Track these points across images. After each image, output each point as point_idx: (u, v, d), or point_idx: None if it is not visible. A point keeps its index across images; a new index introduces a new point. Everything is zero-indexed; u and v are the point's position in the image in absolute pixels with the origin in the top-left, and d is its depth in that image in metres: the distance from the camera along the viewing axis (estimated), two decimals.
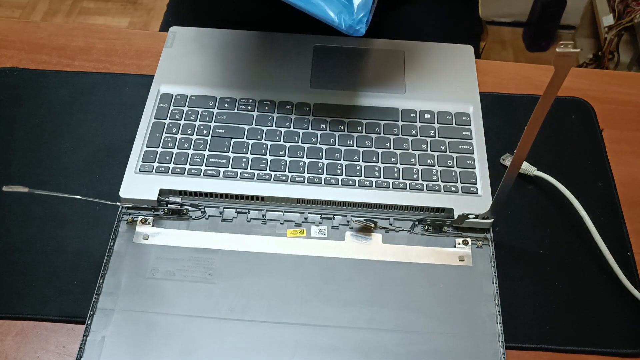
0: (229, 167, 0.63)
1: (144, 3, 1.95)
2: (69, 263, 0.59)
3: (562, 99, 0.72)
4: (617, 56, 1.60)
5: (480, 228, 0.60)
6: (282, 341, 0.54)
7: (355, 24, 0.57)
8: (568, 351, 0.55)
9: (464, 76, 0.71)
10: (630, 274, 0.59)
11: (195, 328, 0.55)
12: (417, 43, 0.74)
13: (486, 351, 0.54)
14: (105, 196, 0.60)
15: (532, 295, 0.58)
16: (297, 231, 0.61)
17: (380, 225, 0.61)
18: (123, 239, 0.60)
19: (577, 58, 0.56)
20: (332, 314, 0.56)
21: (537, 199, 0.64)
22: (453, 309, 0.56)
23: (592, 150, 0.68)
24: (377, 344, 0.54)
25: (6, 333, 0.55)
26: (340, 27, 0.57)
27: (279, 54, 0.72)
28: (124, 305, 0.56)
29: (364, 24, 0.57)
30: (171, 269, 0.58)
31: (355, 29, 0.57)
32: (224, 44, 0.73)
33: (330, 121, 0.66)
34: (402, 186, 0.62)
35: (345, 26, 0.57)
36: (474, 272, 0.58)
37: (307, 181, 0.62)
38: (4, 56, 0.75)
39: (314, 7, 0.57)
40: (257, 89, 0.69)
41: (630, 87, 0.74)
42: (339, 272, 0.58)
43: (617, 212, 0.63)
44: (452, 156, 0.64)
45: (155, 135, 0.65)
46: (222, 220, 0.61)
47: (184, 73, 0.70)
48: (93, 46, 0.76)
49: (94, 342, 0.54)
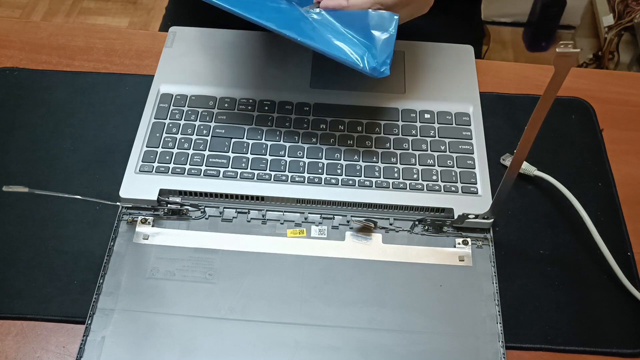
0: (229, 167, 0.63)
1: (144, 3, 1.95)
2: (69, 263, 0.59)
3: (562, 99, 0.72)
4: (617, 56, 1.60)
5: (480, 228, 0.60)
6: (282, 341, 0.54)
7: (380, 66, 0.56)
8: (568, 351, 0.55)
9: (464, 76, 0.71)
10: (630, 274, 0.59)
11: (195, 328, 0.55)
12: (417, 43, 0.74)
13: (486, 351, 0.54)
14: (105, 196, 0.60)
15: (532, 295, 0.58)
16: (297, 231, 0.61)
17: (380, 225, 0.61)
18: (123, 239, 0.60)
19: (577, 58, 0.56)
20: (332, 314, 0.56)
21: (537, 199, 0.64)
22: (453, 309, 0.56)
23: (592, 150, 0.68)
24: (377, 344, 0.54)
25: (6, 333, 0.55)
26: (365, 70, 0.56)
27: (279, 54, 0.72)
28: (124, 305, 0.56)
29: (388, 65, 0.56)
30: (171, 269, 0.58)
31: (380, 71, 0.56)
32: (224, 44, 0.73)
33: (330, 121, 0.66)
34: (402, 186, 0.62)
35: (370, 69, 0.55)
36: (474, 272, 0.58)
37: (307, 181, 0.62)
38: (4, 56, 0.75)
39: (336, 51, 0.56)
40: (257, 89, 0.69)
41: (630, 87, 0.74)
42: (339, 272, 0.58)
43: (617, 212, 0.63)
44: (452, 156, 0.64)
45: (155, 135, 0.65)
46: (222, 220, 0.61)
47: (184, 73, 0.70)
48: (93, 46, 0.76)
49: (94, 342, 0.54)
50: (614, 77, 0.77)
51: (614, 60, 1.60)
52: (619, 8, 1.56)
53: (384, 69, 0.56)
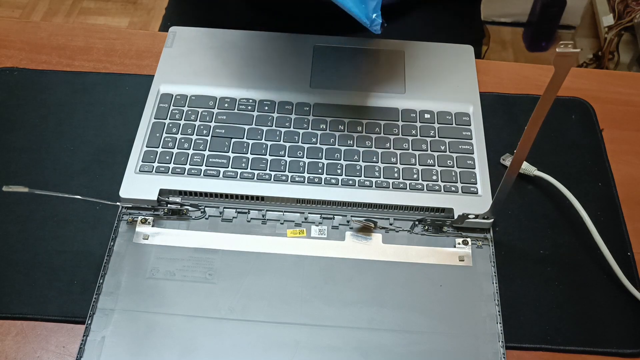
0: (229, 167, 0.63)
1: (144, 3, 1.95)
2: (69, 263, 0.59)
3: (562, 99, 0.72)
4: (617, 56, 1.60)
5: (480, 228, 0.60)
6: (282, 341, 0.54)
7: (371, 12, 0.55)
8: (568, 351, 0.55)
9: (464, 76, 0.71)
10: (630, 274, 0.59)
11: (195, 328, 0.55)
12: (417, 43, 0.74)
13: (486, 351, 0.54)
14: (105, 196, 0.60)
15: (532, 295, 0.58)
16: (297, 231, 0.61)
17: (380, 225, 0.61)
18: (123, 239, 0.60)
19: (577, 58, 0.56)
20: (332, 314, 0.56)
21: (537, 199, 0.64)
22: (453, 309, 0.56)
23: (592, 150, 0.68)
24: (377, 344, 0.54)
25: (6, 333, 0.55)
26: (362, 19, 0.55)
27: (279, 54, 0.72)
28: (124, 305, 0.56)
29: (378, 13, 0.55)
30: (171, 269, 0.58)
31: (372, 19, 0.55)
32: (224, 44, 0.73)
33: (330, 121, 0.66)
34: (402, 186, 0.62)
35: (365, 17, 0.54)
36: (474, 272, 0.58)
37: (307, 181, 0.62)
38: (4, 56, 0.75)
39: None
40: (257, 89, 0.69)
41: (630, 87, 0.74)
42: (339, 272, 0.58)
43: (617, 212, 0.63)
44: (452, 156, 0.64)
45: (155, 135, 0.65)
46: (222, 220, 0.61)
47: (184, 73, 0.70)
48: (93, 46, 0.76)
49: (94, 342, 0.54)
50: (614, 77, 0.77)
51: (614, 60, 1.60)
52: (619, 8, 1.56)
53: (375, 15, 0.55)
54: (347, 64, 0.72)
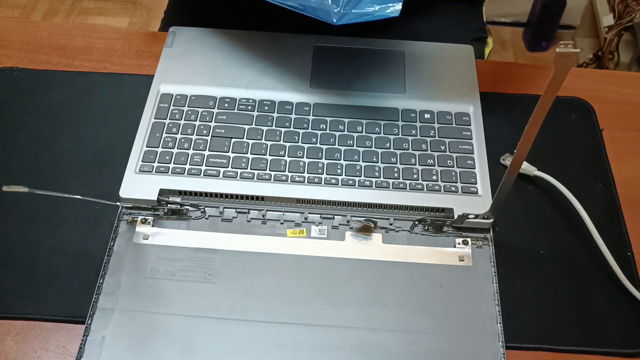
0: (229, 167, 0.63)
1: (144, 3, 1.95)
2: (69, 263, 0.59)
3: (562, 99, 0.71)
4: (617, 56, 1.60)
5: (480, 228, 0.60)
6: (282, 341, 0.54)
7: None
8: (568, 351, 0.55)
9: (464, 76, 0.71)
10: (630, 274, 0.59)
11: (195, 328, 0.55)
12: (417, 43, 0.74)
13: (486, 351, 0.54)
14: (105, 196, 0.60)
15: (532, 295, 0.58)
16: (297, 231, 0.61)
17: (380, 225, 0.61)
18: (123, 239, 0.60)
19: (577, 58, 0.56)
20: (332, 314, 0.56)
21: (537, 199, 0.64)
22: (453, 309, 0.56)
23: (592, 150, 0.68)
24: (377, 344, 0.54)
25: (6, 333, 0.55)
26: None
27: (279, 54, 0.72)
28: (124, 305, 0.56)
29: None
30: (171, 269, 0.58)
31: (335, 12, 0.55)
32: (224, 44, 0.73)
33: (330, 121, 0.66)
34: (402, 186, 0.62)
35: None
36: (474, 272, 0.58)
37: (307, 181, 0.62)
38: (4, 56, 0.75)
39: None
40: (257, 89, 0.69)
41: (630, 87, 0.74)
42: (339, 272, 0.58)
43: (617, 212, 0.63)
44: (452, 156, 0.64)
45: (155, 135, 0.65)
46: (222, 220, 0.61)
47: (183, 73, 0.70)
48: (93, 46, 0.76)
49: (94, 342, 0.54)
50: (614, 77, 0.77)
51: (614, 60, 1.60)
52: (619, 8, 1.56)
53: None
54: (347, 64, 0.72)
